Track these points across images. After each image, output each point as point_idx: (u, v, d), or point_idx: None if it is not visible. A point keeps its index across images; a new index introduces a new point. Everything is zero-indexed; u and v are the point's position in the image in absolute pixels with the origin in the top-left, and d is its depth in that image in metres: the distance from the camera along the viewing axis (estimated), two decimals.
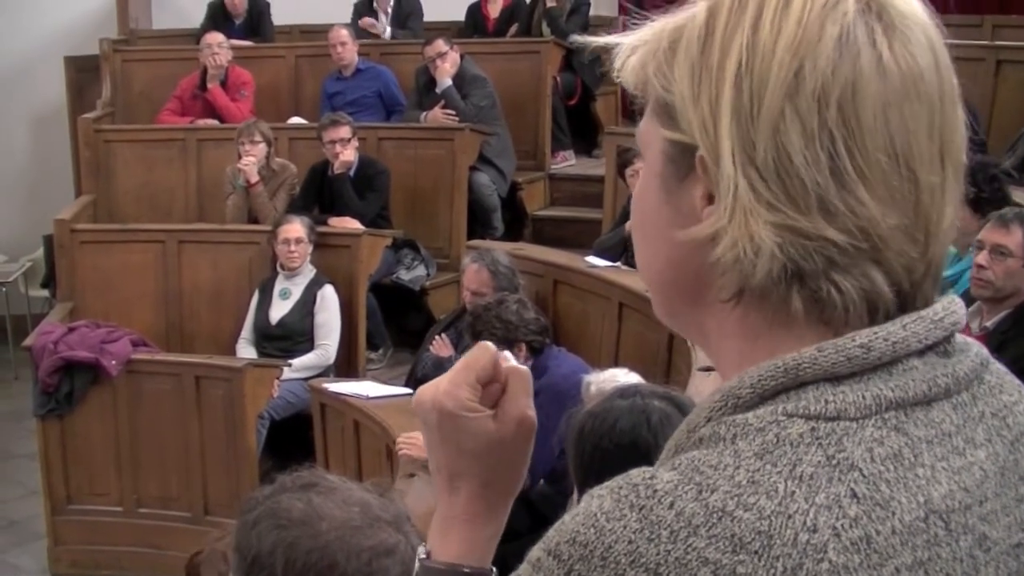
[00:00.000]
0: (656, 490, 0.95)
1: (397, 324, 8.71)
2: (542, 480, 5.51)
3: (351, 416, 6.82)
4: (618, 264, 7.23)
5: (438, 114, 9.44)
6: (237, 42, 10.47)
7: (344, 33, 10.00)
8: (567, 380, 5.24)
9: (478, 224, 9.21)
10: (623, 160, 7.41)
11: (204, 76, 9.97)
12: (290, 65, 10.65)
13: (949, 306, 1.03)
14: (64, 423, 7.73)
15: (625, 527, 0.93)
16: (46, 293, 10.88)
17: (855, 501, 0.93)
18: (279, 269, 8.01)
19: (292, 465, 2.13)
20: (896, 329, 0.99)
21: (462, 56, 9.55)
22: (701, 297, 1.06)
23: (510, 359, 1.26)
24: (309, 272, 7.99)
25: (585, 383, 4.03)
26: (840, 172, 0.97)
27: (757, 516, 0.92)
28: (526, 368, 1.27)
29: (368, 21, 10.66)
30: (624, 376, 3.98)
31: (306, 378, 7.58)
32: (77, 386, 7.66)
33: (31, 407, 7.95)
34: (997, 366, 1.08)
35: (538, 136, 10.04)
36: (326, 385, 7.23)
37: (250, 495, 2.08)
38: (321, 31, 10.52)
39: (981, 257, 5.02)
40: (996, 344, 4.62)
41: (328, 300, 7.91)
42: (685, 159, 1.03)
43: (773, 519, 0.91)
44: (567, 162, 10.29)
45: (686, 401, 3.02)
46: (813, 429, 0.95)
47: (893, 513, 0.94)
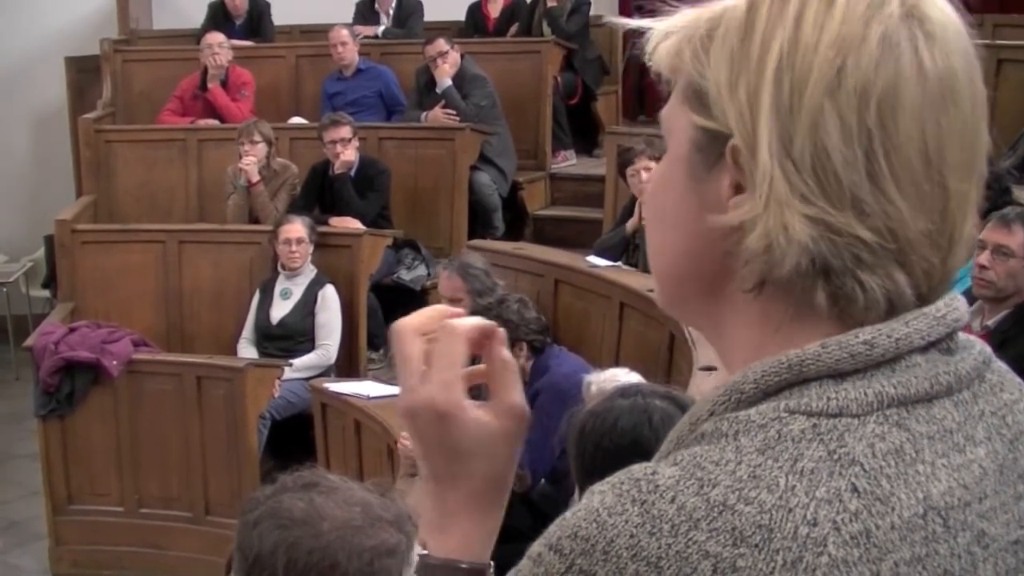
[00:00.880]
0: (658, 485, 0.95)
1: None
2: (543, 480, 5.51)
3: (352, 416, 6.82)
4: (619, 264, 7.23)
5: (439, 114, 9.43)
6: (237, 42, 10.47)
7: (345, 33, 10.00)
8: (568, 380, 5.24)
9: (479, 224, 9.21)
10: (624, 160, 7.40)
11: (204, 76, 9.97)
12: (290, 65, 10.65)
13: (951, 303, 1.03)
14: (65, 423, 7.73)
15: (627, 521, 0.94)
16: (47, 293, 10.88)
17: (856, 495, 0.93)
18: (280, 269, 8.01)
19: (293, 465, 2.13)
20: (899, 326, 0.99)
21: (462, 56, 9.55)
22: (719, 287, 1.06)
23: (463, 321, 1.24)
24: (310, 272, 7.99)
25: (586, 383, 4.03)
26: (875, 172, 0.97)
27: (758, 510, 0.92)
28: (511, 356, 1.27)
29: (360, 29, 10.61)
30: (625, 375, 3.98)
31: (307, 378, 7.58)
32: (78, 386, 7.66)
33: (32, 407, 7.95)
34: (999, 364, 1.08)
35: (539, 136, 10.04)
36: (327, 385, 7.23)
37: (251, 495, 2.09)
38: (321, 31, 10.52)
39: (983, 257, 5.02)
40: (997, 343, 4.61)
41: (329, 300, 7.91)
42: (714, 147, 1.03)
43: (774, 513, 0.92)
44: (568, 162, 10.29)
45: (687, 400, 3.02)
46: (815, 425, 0.96)
47: (893, 508, 0.94)
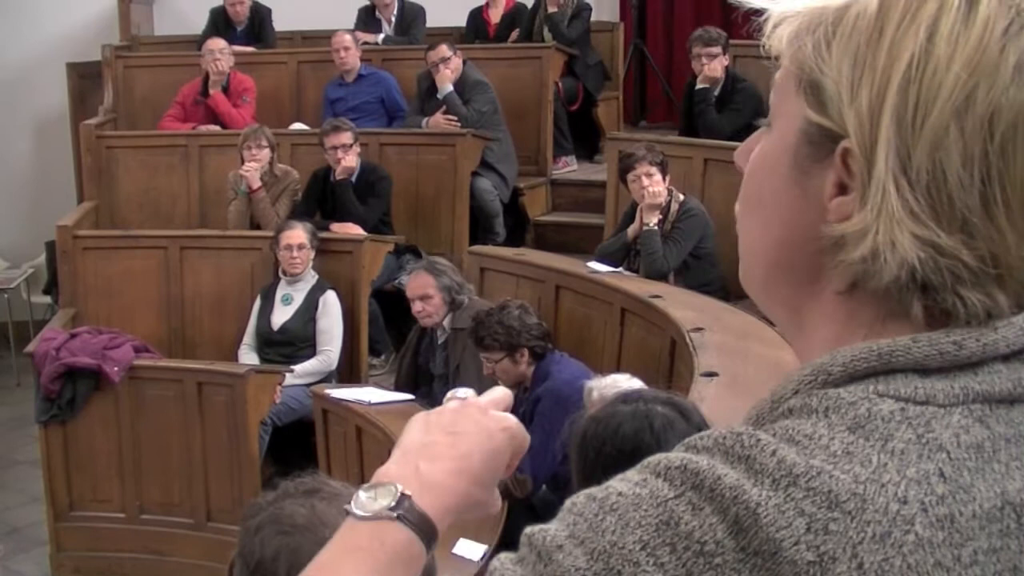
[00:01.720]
0: (759, 439, 0.96)
1: (399, 330, 8.70)
2: (544, 486, 5.51)
3: (353, 422, 6.82)
4: (620, 269, 7.24)
5: (440, 120, 9.44)
6: (239, 48, 10.48)
7: (348, 38, 10.01)
8: (569, 386, 5.24)
9: (480, 230, 9.21)
10: (625, 165, 7.40)
11: (206, 82, 9.98)
12: (292, 71, 10.66)
13: None
14: (66, 429, 7.73)
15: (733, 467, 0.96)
16: (48, 299, 10.89)
17: (942, 480, 0.95)
18: (281, 275, 8.01)
19: (295, 471, 2.13)
20: (988, 331, 1.00)
21: (464, 62, 9.56)
22: (808, 281, 1.07)
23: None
24: (311, 278, 8.00)
25: (587, 388, 4.03)
26: (988, 198, 0.97)
27: (853, 480, 0.93)
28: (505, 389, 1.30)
29: (361, 36, 10.61)
30: (626, 381, 3.98)
31: (308, 384, 7.58)
32: (79, 392, 7.66)
33: (33, 413, 7.95)
34: None
35: (540, 141, 10.04)
36: (328, 391, 7.22)
37: (253, 501, 2.08)
38: (323, 37, 10.53)
39: None
40: None
41: (330, 306, 7.92)
42: (825, 144, 1.02)
43: (868, 485, 0.93)
44: (569, 167, 10.28)
45: (689, 406, 3.02)
46: (903, 409, 0.97)
47: (974, 498, 0.95)
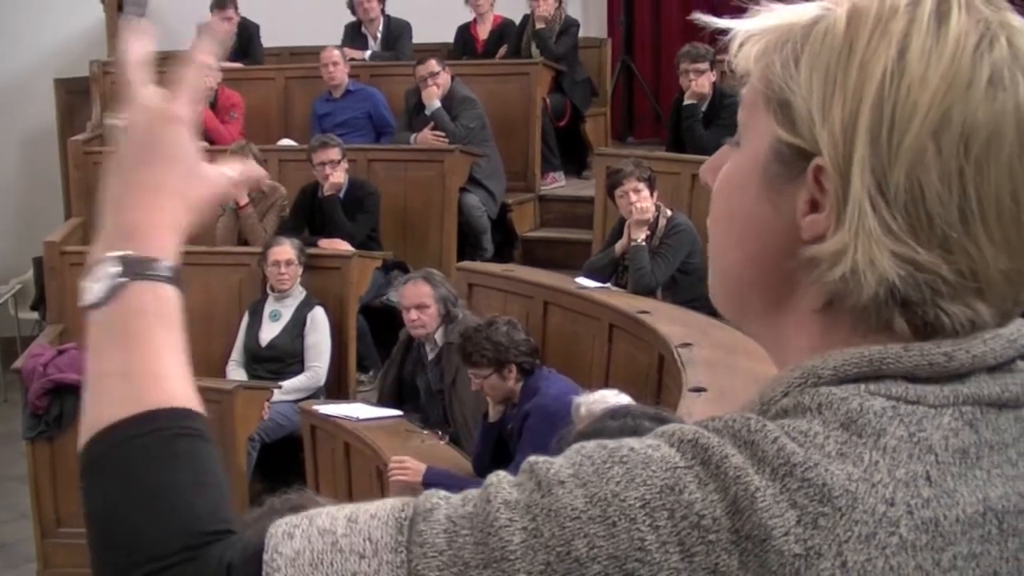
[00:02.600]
0: (766, 426, 0.96)
1: (387, 346, 8.69)
2: None
3: (342, 438, 6.81)
4: (608, 285, 7.24)
5: (428, 136, 9.45)
6: (227, 64, 10.47)
7: (336, 53, 10.03)
8: (557, 401, 5.23)
9: (468, 245, 9.21)
10: (613, 181, 7.41)
11: None
12: (280, 87, 10.67)
13: (1021, 328, 1.05)
14: (54, 446, 7.70)
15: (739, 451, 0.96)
16: (36, 315, 10.87)
17: (928, 484, 0.95)
18: (269, 291, 8.00)
19: (282, 487, 2.13)
20: (977, 343, 1.00)
21: (452, 77, 9.57)
22: (784, 299, 1.07)
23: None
24: (299, 294, 7.99)
25: (575, 404, 4.02)
26: (966, 213, 0.98)
27: (846, 478, 0.94)
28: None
29: (348, 52, 10.62)
30: (614, 397, 3.98)
31: (296, 400, 7.56)
32: (67, 409, 7.63)
33: (21, 430, 7.93)
34: None
35: (528, 157, 10.05)
36: (316, 407, 7.21)
37: (240, 517, 2.08)
38: (310, 53, 10.54)
39: None
40: None
41: (318, 322, 7.91)
42: (797, 163, 1.02)
43: (860, 484, 0.94)
44: (557, 183, 10.30)
45: (677, 421, 3.01)
46: (895, 407, 0.98)
47: (957, 503, 0.96)
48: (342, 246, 8.47)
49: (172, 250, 1.14)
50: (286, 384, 7.69)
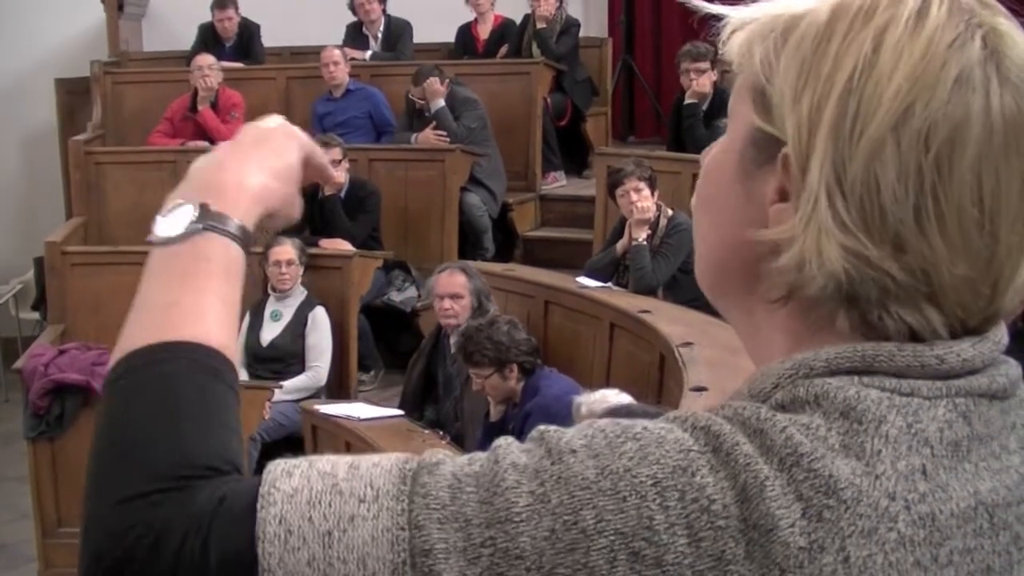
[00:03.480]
0: (774, 415, 0.96)
1: (388, 346, 8.71)
2: None
3: (343, 438, 6.80)
4: (609, 284, 7.24)
5: (429, 135, 9.45)
6: (228, 64, 10.49)
7: (336, 53, 10.02)
8: (559, 401, 5.24)
9: (469, 245, 9.21)
10: (613, 181, 7.41)
11: (195, 98, 9.98)
12: (280, 87, 10.66)
13: (1003, 329, 1.05)
14: (55, 446, 7.70)
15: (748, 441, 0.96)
16: (37, 315, 10.86)
17: (924, 478, 0.95)
18: (270, 291, 8.00)
19: None
20: (967, 347, 1.00)
21: (453, 78, 9.57)
22: (753, 288, 1.07)
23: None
24: (300, 294, 7.99)
25: (576, 404, 4.03)
26: (921, 213, 0.97)
27: (851, 471, 0.93)
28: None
29: (349, 52, 10.64)
30: (615, 397, 3.98)
31: (297, 400, 7.55)
32: (68, 409, 7.63)
33: (22, 430, 7.93)
34: None
35: (529, 157, 10.05)
36: (317, 407, 7.21)
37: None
38: (311, 53, 10.54)
39: None
40: None
41: (319, 322, 7.91)
42: (769, 149, 1.02)
43: (864, 478, 0.93)
44: (557, 183, 10.30)
45: None
46: (890, 398, 0.97)
47: (951, 497, 0.96)
48: (343, 246, 8.47)
49: (250, 218, 1.17)
50: (287, 384, 7.69)
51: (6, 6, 12.06)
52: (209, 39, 11.04)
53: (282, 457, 1.04)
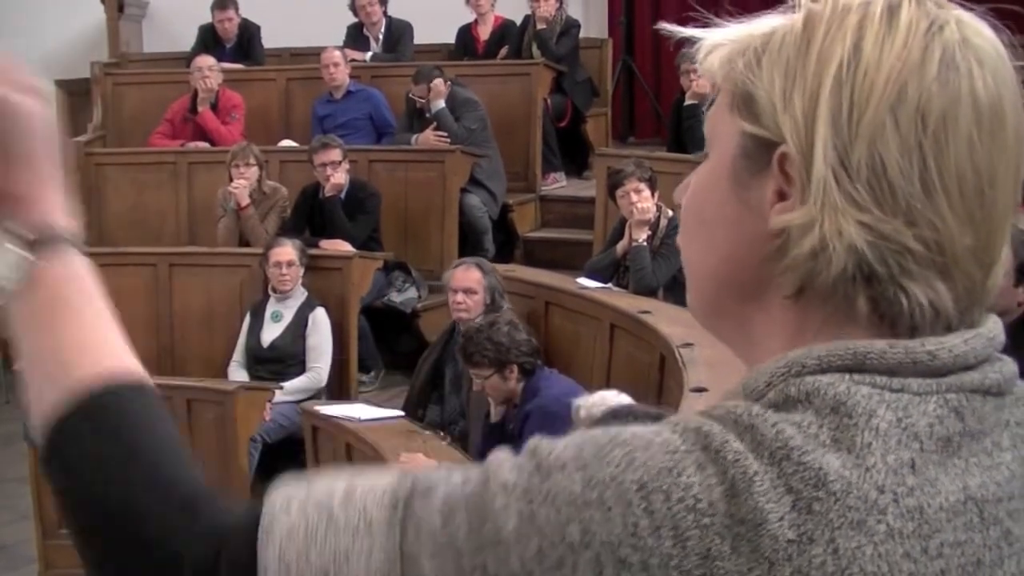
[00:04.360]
0: (765, 412, 0.98)
1: (389, 347, 8.71)
2: None
3: (343, 439, 6.80)
4: (609, 285, 7.24)
5: (429, 136, 9.45)
6: (228, 65, 10.49)
7: (337, 54, 10.03)
8: (559, 402, 5.23)
9: (469, 246, 9.20)
10: (613, 182, 7.42)
11: (195, 99, 9.99)
12: (281, 88, 10.67)
13: (996, 325, 1.07)
14: None
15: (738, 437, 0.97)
16: None
17: (912, 472, 0.97)
18: (271, 292, 8.00)
19: None
20: (958, 343, 1.02)
21: (454, 79, 9.57)
22: (757, 294, 1.08)
23: None
24: (300, 295, 7.99)
25: (575, 406, 4.02)
26: (928, 185, 1.00)
27: (841, 464, 0.95)
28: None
29: (350, 53, 10.65)
30: (615, 398, 3.97)
31: (298, 401, 7.55)
32: None
33: (22, 430, 7.92)
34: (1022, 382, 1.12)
35: (529, 158, 10.05)
36: (318, 408, 7.20)
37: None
38: (312, 54, 10.55)
39: None
40: None
41: (320, 323, 7.91)
42: (762, 154, 1.05)
43: (854, 470, 0.95)
44: (558, 184, 10.30)
45: None
46: (880, 393, 0.99)
47: (940, 491, 0.97)
48: (343, 247, 8.48)
49: (62, 212, 1.17)
50: (287, 385, 7.69)
51: (6, 7, 12.06)
52: (209, 40, 11.05)
53: (282, 457, 1.06)
